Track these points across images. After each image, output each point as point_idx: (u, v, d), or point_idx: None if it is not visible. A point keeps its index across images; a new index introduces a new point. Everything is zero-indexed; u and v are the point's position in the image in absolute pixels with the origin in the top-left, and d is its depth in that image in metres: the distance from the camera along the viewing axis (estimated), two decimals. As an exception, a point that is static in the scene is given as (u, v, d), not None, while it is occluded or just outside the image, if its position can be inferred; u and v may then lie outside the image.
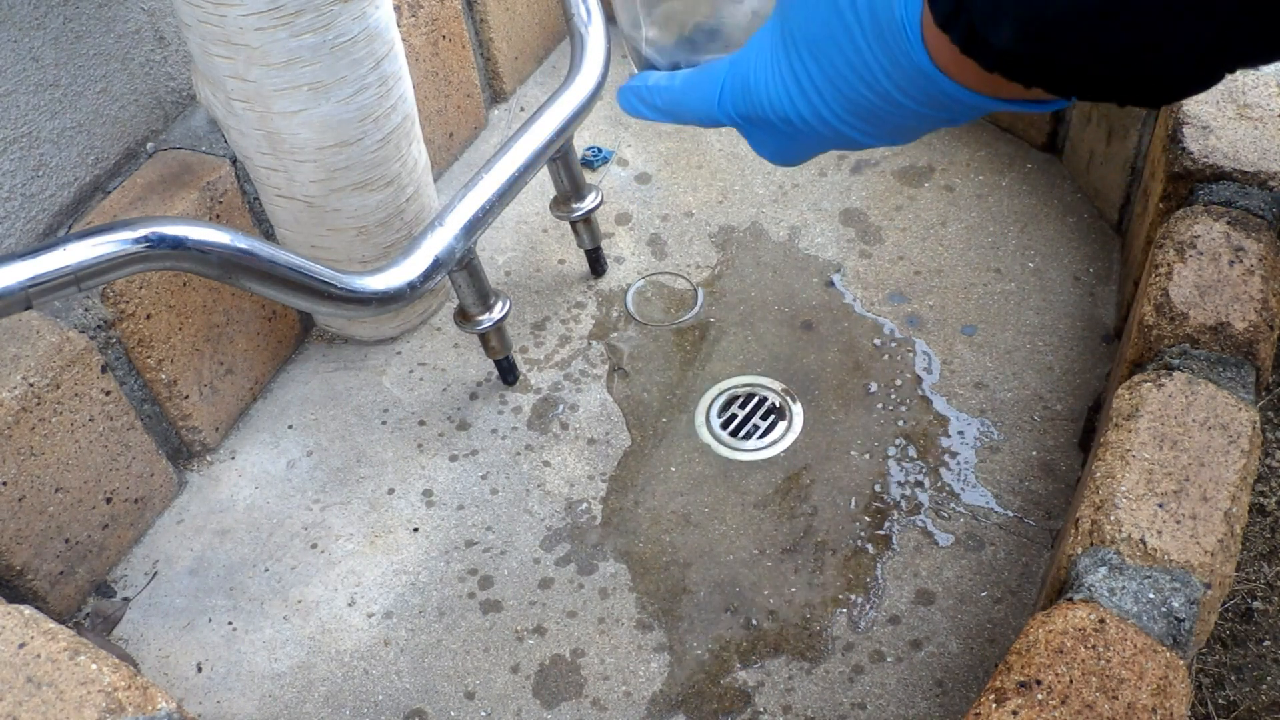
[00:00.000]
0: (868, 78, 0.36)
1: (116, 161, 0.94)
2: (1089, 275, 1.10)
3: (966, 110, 0.35)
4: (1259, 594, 0.99)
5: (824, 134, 0.40)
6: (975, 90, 0.34)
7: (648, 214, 1.21)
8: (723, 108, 0.44)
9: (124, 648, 0.89)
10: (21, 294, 0.64)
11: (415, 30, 1.11)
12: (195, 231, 0.71)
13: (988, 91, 0.34)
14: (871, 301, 1.10)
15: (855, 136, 0.39)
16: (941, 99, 0.35)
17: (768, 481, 0.97)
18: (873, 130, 0.39)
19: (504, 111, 1.32)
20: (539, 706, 0.85)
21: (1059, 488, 0.94)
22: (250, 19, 0.80)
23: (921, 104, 0.35)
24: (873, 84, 0.36)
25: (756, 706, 0.83)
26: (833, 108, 0.38)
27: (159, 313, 0.91)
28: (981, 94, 0.34)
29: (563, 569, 0.93)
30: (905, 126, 0.38)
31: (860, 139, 0.40)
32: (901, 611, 0.87)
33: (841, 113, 0.38)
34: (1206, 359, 0.78)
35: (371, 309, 0.85)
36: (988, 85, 0.33)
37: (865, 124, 0.38)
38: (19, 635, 0.62)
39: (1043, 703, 0.59)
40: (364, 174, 0.93)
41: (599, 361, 1.08)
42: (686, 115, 0.46)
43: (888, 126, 0.38)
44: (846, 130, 0.39)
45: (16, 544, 0.84)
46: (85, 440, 0.87)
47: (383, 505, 0.98)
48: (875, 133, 0.39)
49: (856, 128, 0.39)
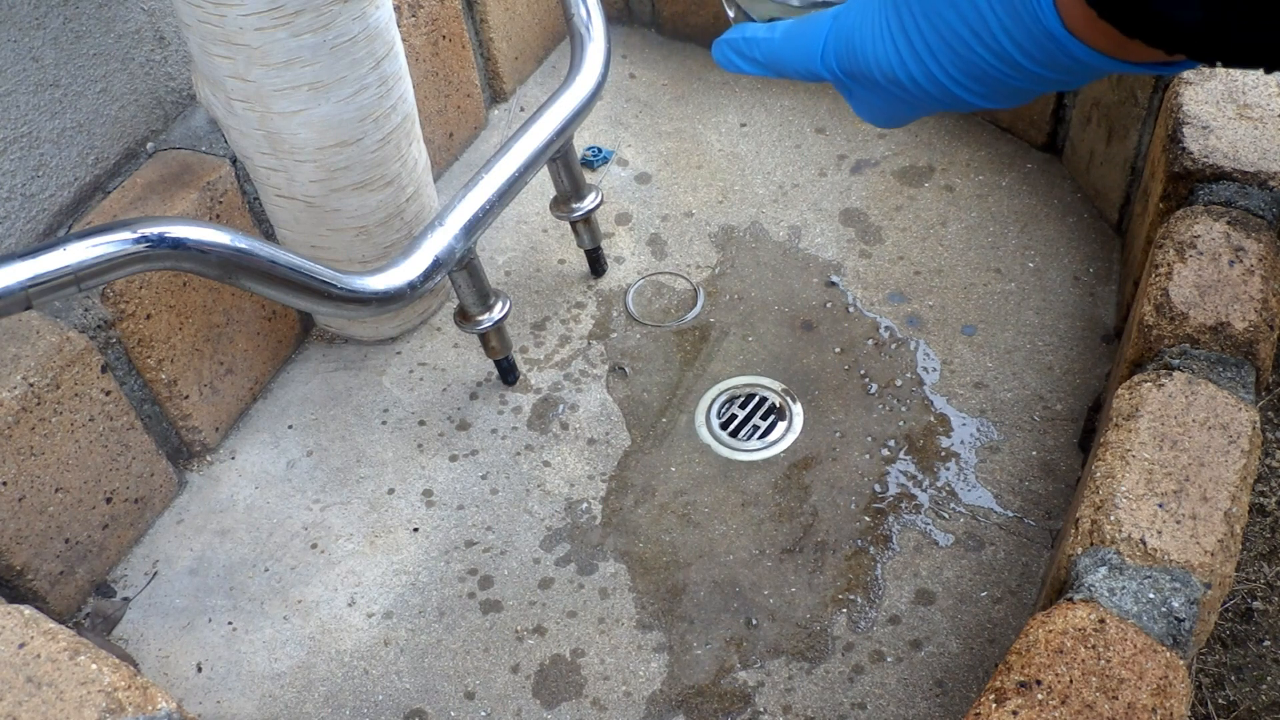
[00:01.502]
0: (988, 39, 0.35)
1: (116, 161, 0.94)
2: (1089, 275, 1.10)
3: (1088, 72, 0.34)
4: (1259, 594, 0.99)
5: (934, 94, 0.39)
6: (1105, 53, 0.33)
7: (648, 214, 1.21)
8: (825, 63, 0.42)
9: (124, 648, 0.89)
10: (21, 294, 0.64)
11: (415, 30, 1.11)
12: (195, 231, 0.71)
13: (1118, 55, 0.33)
14: (871, 301, 1.10)
15: (966, 97, 0.38)
16: (1065, 61, 0.34)
17: (768, 481, 0.97)
18: (985, 92, 0.37)
19: (504, 111, 1.32)
20: (539, 706, 0.85)
21: (1059, 488, 0.94)
22: (250, 19, 0.80)
23: (1043, 66, 0.34)
24: (992, 45, 0.35)
25: (756, 706, 0.83)
26: (947, 69, 0.37)
27: (159, 313, 0.91)
28: (1111, 56, 0.33)
29: (563, 569, 0.93)
30: (1020, 89, 0.37)
31: (971, 100, 0.38)
32: (901, 611, 0.87)
33: (956, 74, 0.37)
34: (1206, 359, 0.78)
35: (371, 309, 0.85)
36: (1120, 49, 0.32)
37: (979, 85, 0.37)
38: (19, 635, 0.62)
39: (1043, 703, 0.59)
40: (364, 174, 0.93)
41: (599, 361, 1.08)
42: (787, 68, 0.44)
43: (1003, 89, 0.37)
44: (958, 91, 0.38)
45: (16, 544, 0.84)
46: (85, 440, 0.87)
47: (383, 505, 0.98)
48: (988, 94, 0.38)
49: (969, 89, 0.37)
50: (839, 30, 0.41)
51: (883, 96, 0.42)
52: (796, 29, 0.43)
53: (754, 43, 0.45)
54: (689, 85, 1.36)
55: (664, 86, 1.36)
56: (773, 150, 1.27)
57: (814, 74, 0.43)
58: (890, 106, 0.42)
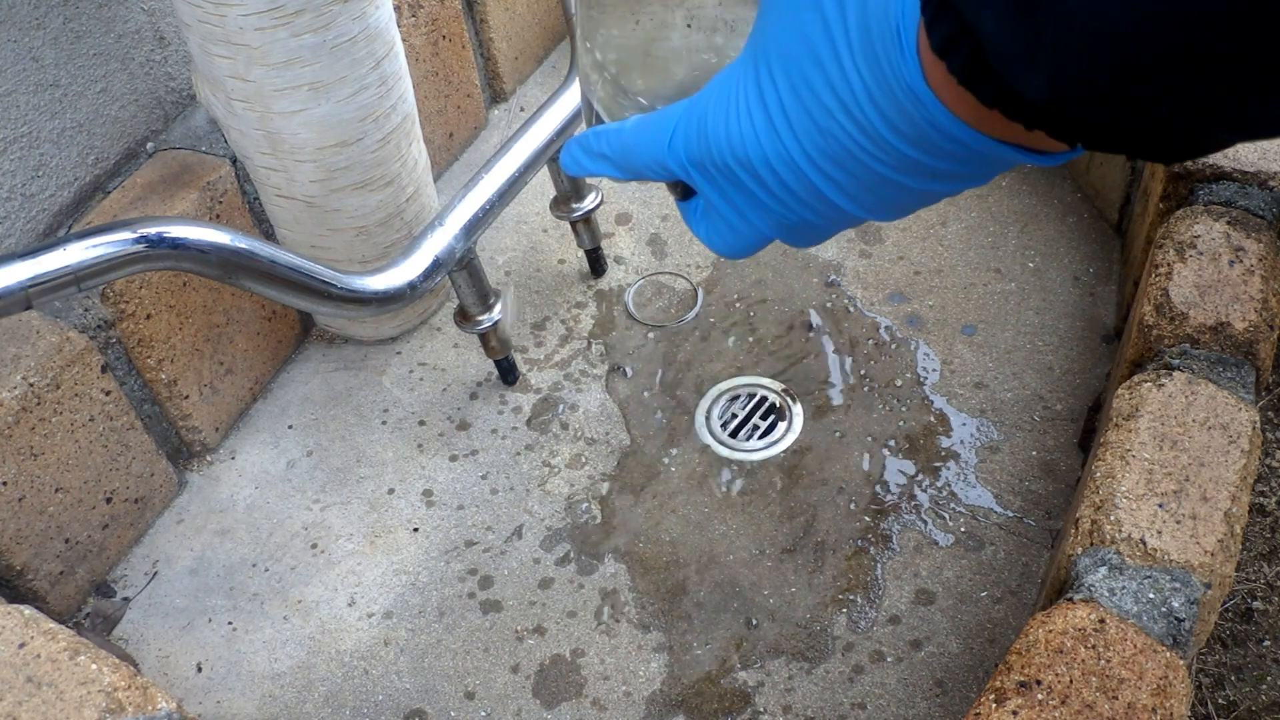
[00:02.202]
0: (848, 102, 0.31)
1: (116, 161, 0.94)
2: (1089, 275, 1.10)
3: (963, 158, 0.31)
4: (1259, 594, 0.99)
5: (791, 187, 0.34)
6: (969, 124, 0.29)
7: (648, 214, 1.21)
8: (673, 151, 0.36)
9: (124, 648, 0.89)
10: (21, 294, 0.64)
11: (415, 30, 1.11)
12: (195, 231, 0.71)
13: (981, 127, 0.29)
14: (871, 301, 1.10)
15: (828, 192, 0.33)
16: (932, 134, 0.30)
17: (768, 482, 0.97)
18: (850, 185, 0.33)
19: (504, 111, 1.32)
20: (539, 706, 0.85)
21: (1059, 488, 0.94)
22: (250, 19, 0.80)
23: (910, 142, 0.30)
24: (854, 111, 0.31)
25: (756, 706, 0.83)
26: (804, 145, 0.32)
27: (159, 313, 0.91)
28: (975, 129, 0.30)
29: (563, 569, 0.93)
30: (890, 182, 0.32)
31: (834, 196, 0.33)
32: (901, 611, 0.87)
33: (814, 153, 0.32)
34: (1206, 359, 0.78)
35: (371, 309, 0.85)
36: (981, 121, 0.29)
37: (843, 173, 0.32)
38: (19, 635, 0.62)
39: (1043, 703, 0.59)
40: (364, 174, 0.93)
41: (599, 361, 1.08)
42: (635, 160, 0.39)
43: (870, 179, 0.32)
44: (818, 181, 0.33)
45: (16, 544, 0.84)
46: (85, 440, 0.87)
47: (383, 505, 0.98)
48: (853, 189, 0.33)
49: (831, 178, 0.33)
50: (692, 110, 0.36)
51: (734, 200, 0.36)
52: (650, 118, 0.38)
53: (604, 135, 0.40)
54: (689, 85, 1.36)
55: (664, 86, 1.36)
56: (773, 150, 1.27)
57: (664, 166, 0.37)
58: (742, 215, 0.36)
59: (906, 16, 0.28)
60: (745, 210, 0.36)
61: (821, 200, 0.34)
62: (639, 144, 0.38)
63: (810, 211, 0.34)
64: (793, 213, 0.35)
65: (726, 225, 0.38)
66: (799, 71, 0.31)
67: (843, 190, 0.33)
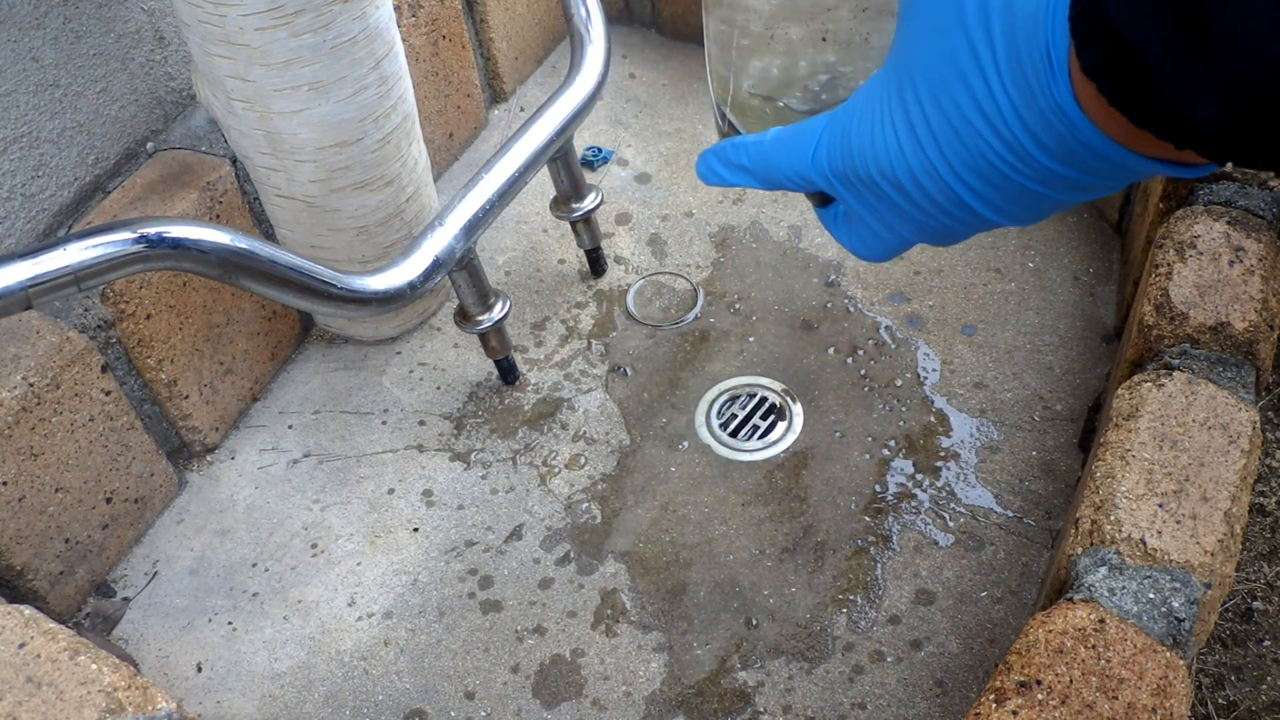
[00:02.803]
0: (996, 122, 0.31)
1: (116, 161, 0.94)
2: (1089, 275, 1.10)
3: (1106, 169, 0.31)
4: (1259, 594, 0.99)
5: (937, 199, 0.35)
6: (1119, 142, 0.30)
7: (648, 214, 1.21)
8: (816, 163, 0.38)
9: (124, 648, 0.89)
10: (21, 294, 0.64)
11: (415, 30, 1.11)
12: (195, 231, 0.71)
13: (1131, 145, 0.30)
14: (871, 301, 1.10)
15: (972, 203, 0.34)
16: (1080, 151, 0.30)
17: (768, 481, 0.97)
18: (995, 196, 0.33)
19: (504, 111, 1.32)
20: (539, 706, 0.85)
21: (1059, 488, 0.94)
22: (250, 19, 0.80)
23: (1057, 158, 0.31)
24: (1001, 130, 0.31)
25: (756, 706, 0.83)
26: (949, 160, 0.33)
27: (159, 313, 0.91)
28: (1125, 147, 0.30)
29: (563, 569, 0.93)
30: (1034, 195, 0.33)
31: (978, 207, 0.34)
32: (901, 611, 0.87)
33: (961, 169, 0.33)
34: (1206, 359, 0.78)
35: (372, 309, 0.85)
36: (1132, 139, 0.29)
37: (987, 186, 0.33)
38: (19, 635, 0.62)
39: (1043, 703, 0.59)
40: (364, 174, 0.93)
41: (599, 361, 1.08)
42: (777, 172, 0.40)
43: (1014, 192, 0.33)
44: (964, 193, 0.34)
45: (16, 544, 0.84)
46: (85, 440, 0.87)
47: (383, 505, 0.98)
48: (998, 200, 0.34)
49: (976, 191, 0.33)
50: (835, 124, 0.37)
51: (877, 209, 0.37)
52: (790, 131, 0.39)
53: (742, 148, 0.42)
54: (689, 85, 1.36)
55: (664, 86, 1.36)
56: (773, 150, 1.27)
57: (806, 178, 0.39)
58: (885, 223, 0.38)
59: (1056, 36, 0.29)
60: (888, 218, 0.37)
61: (964, 209, 0.34)
62: (780, 157, 0.39)
63: (951, 219, 0.35)
64: (934, 220, 0.36)
65: (870, 232, 0.39)
66: (945, 90, 0.32)
67: (986, 201, 0.34)
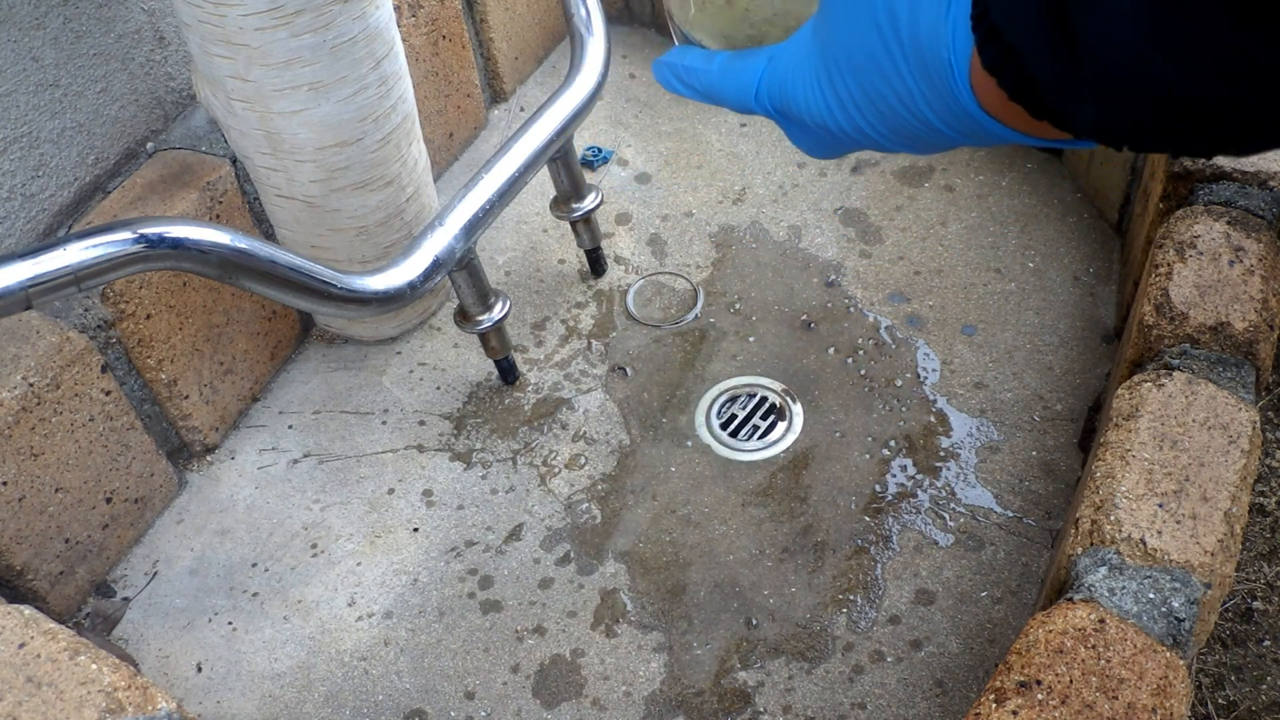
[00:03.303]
0: (911, 107, 0.37)
1: (116, 161, 0.94)
2: (1089, 275, 1.10)
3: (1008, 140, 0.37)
4: (1259, 594, 0.99)
5: (861, 143, 0.42)
6: (1019, 130, 0.35)
7: (648, 214, 1.21)
8: (759, 100, 0.45)
9: (124, 648, 0.89)
10: (21, 294, 0.64)
11: (415, 30, 1.11)
12: (195, 231, 0.71)
13: (1032, 132, 0.35)
14: (871, 301, 1.10)
15: (893, 149, 0.42)
16: (983, 134, 0.36)
17: (768, 481, 0.97)
18: (910, 145, 0.41)
19: (504, 111, 1.32)
20: (539, 706, 0.85)
21: (1059, 488, 0.94)
22: (250, 19, 0.80)
23: (964, 135, 0.37)
24: (916, 114, 0.38)
25: (756, 706, 0.83)
26: (874, 124, 0.40)
27: (159, 313, 0.91)
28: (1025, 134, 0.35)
29: (563, 569, 0.93)
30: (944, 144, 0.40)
31: (899, 149, 0.42)
32: (901, 611, 0.87)
33: (883, 130, 0.40)
34: (1206, 359, 0.78)
35: (372, 309, 0.85)
36: (1033, 128, 0.35)
37: (905, 141, 0.40)
38: (19, 635, 0.62)
39: (1043, 703, 0.59)
40: (364, 174, 0.93)
41: (599, 361, 1.08)
42: (722, 99, 0.48)
43: (928, 145, 0.40)
44: (885, 143, 0.41)
45: (16, 544, 0.84)
46: (85, 440, 0.87)
47: (383, 505, 0.98)
48: (914, 148, 0.41)
49: (895, 141, 0.41)
50: (773, 73, 0.45)
51: (812, 136, 0.45)
52: (733, 64, 0.47)
53: (693, 71, 0.49)
54: (689, 85, 1.36)
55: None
56: (773, 150, 1.27)
57: (748, 108, 0.47)
58: (821, 146, 0.46)
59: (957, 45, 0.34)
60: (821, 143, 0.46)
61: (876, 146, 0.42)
62: (726, 88, 0.47)
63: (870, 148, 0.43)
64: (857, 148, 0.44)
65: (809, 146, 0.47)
66: (865, 75, 0.39)
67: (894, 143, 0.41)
